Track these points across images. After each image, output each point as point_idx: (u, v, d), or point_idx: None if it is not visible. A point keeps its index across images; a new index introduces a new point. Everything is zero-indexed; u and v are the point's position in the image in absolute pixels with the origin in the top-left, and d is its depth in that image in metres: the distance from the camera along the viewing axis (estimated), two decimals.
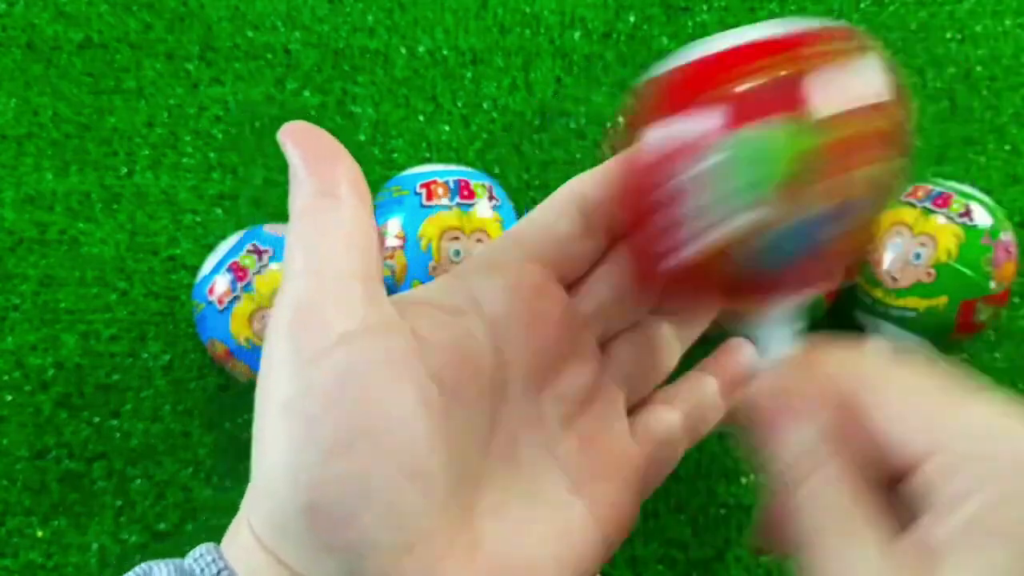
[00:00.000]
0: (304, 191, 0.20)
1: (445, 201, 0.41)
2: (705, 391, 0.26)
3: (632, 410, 0.25)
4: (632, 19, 0.52)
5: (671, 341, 0.26)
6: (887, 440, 0.19)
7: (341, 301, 0.19)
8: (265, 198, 0.49)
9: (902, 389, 0.20)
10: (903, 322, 0.42)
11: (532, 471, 0.22)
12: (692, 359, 0.27)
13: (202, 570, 0.20)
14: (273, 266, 0.40)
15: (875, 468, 0.20)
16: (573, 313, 0.24)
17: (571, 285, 0.24)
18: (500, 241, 0.24)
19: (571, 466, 0.23)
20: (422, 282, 0.40)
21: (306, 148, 0.21)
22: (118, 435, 0.45)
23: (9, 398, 0.45)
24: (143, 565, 0.21)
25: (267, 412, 0.19)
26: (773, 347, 0.22)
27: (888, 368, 0.20)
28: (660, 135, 0.20)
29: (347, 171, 0.21)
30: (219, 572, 0.20)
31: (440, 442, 0.19)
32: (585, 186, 0.23)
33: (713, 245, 0.20)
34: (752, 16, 0.52)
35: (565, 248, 0.23)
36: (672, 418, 0.25)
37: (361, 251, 0.20)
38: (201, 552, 0.21)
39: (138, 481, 0.44)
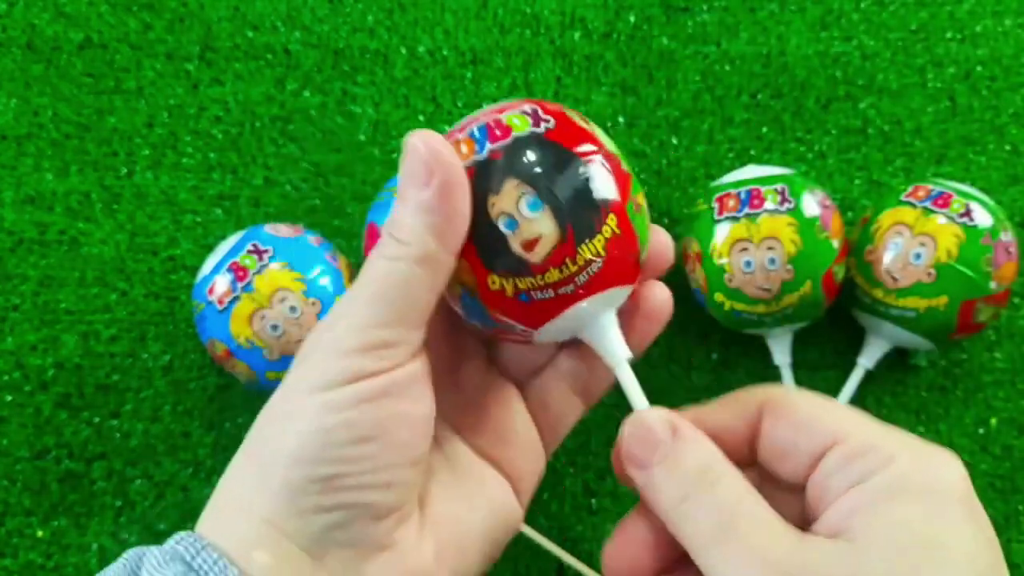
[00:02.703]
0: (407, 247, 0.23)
1: None
2: (584, 350, 0.29)
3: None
4: (632, 19, 0.52)
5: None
6: (794, 437, 0.23)
7: (393, 340, 0.24)
8: (265, 198, 0.49)
9: (803, 402, 0.24)
10: (903, 322, 0.42)
11: (450, 448, 0.28)
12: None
13: (193, 557, 0.23)
14: (273, 266, 0.40)
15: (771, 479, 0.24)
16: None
17: None
18: None
19: (479, 440, 0.28)
20: None
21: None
22: (118, 435, 0.45)
23: (9, 398, 0.45)
24: (133, 551, 0.24)
25: (309, 403, 0.23)
26: (610, 350, 0.25)
27: (787, 391, 0.25)
28: None
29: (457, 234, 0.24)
30: (203, 547, 0.23)
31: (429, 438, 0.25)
32: None
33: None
34: (751, 16, 0.52)
35: None
36: (561, 387, 0.29)
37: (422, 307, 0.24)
38: (181, 536, 0.23)
39: (138, 481, 0.44)
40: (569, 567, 0.42)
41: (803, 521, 0.23)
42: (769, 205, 0.41)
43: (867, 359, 0.45)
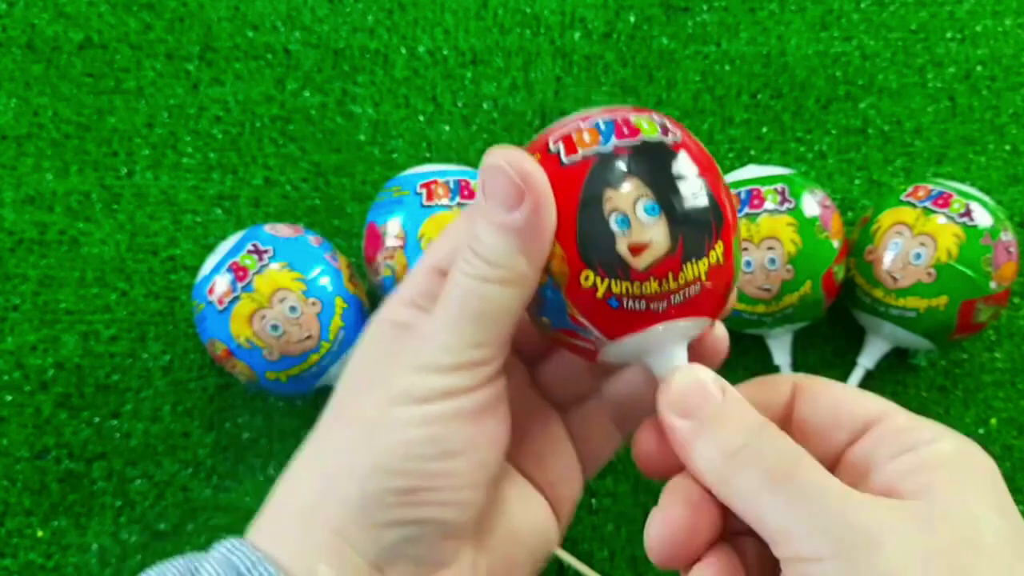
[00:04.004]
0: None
1: (445, 201, 0.41)
2: (633, 385, 0.29)
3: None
4: (632, 19, 0.52)
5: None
6: (835, 414, 0.24)
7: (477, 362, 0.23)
8: (265, 198, 0.49)
9: (839, 385, 0.25)
10: (903, 322, 0.42)
11: (507, 478, 0.27)
12: None
13: (249, 569, 0.22)
14: (273, 266, 0.40)
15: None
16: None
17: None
18: None
19: (523, 462, 0.28)
20: None
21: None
22: (118, 435, 0.45)
23: (9, 398, 0.45)
24: (183, 560, 0.24)
25: (395, 415, 0.23)
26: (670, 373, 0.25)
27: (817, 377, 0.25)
28: None
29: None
30: (258, 560, 0.22)
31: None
32: None
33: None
34: (751, 16, 0.52)
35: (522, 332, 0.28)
36: (602, 418, 0.29)
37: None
38: (234, 544, 0.23)
39: (138, 481, 0.44)
40: (569, 567, 0.42)
41: None
42: (769, 205, 0.41)
43: (867, 359, 0.45)
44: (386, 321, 0.25)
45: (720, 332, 0.27)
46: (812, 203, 0.41)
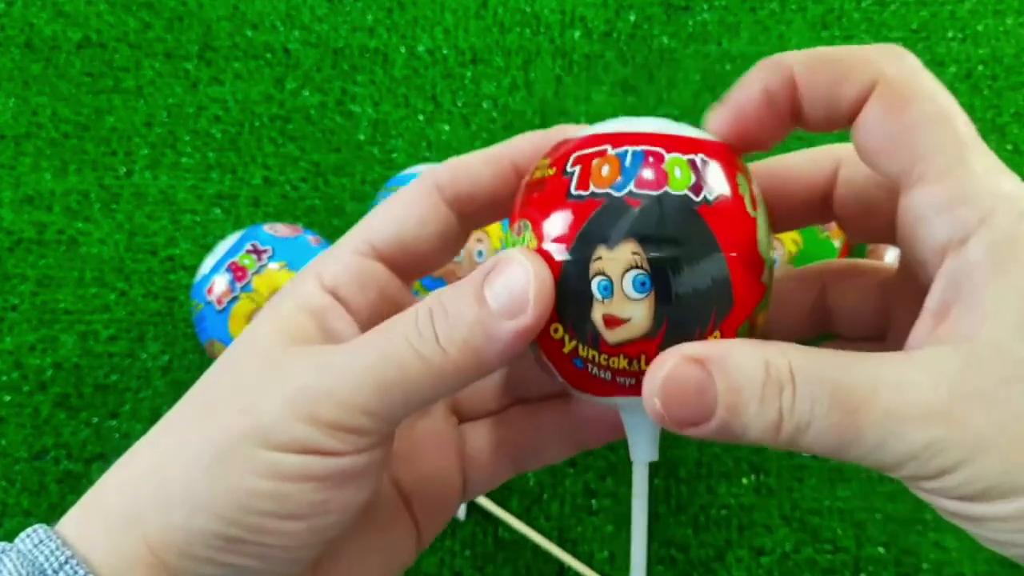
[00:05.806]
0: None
1: None
2: (536, 424, 0.26)
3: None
4: (632, 19, 0.52)
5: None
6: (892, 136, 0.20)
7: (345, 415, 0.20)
8: (264, 198, 0.49)
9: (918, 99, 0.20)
10: None
11: (378, 500, 0.24)
12: None
13: (51, 564, 0.20)
14: (272, 266, 0.40)
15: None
16: None
17: None
18: None
19: (404, 474, 0.25)
20: (421, 283, 0.40)
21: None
22: (117, 436, 0.45)
23: (8, 399, 0.45)
24: None
25: (243, 451, 0.20)
26: (640, 447, 0.23)
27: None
28: None
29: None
30: (66, 560, 0.20)
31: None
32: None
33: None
34: (752, 16, 0.52)
35: None
36: (502, 451, 0.26)
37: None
38: (40, 538, 0.21)
39: None
40: (569, 567, 0.42)
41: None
42: None
43: None
44: (297, 305, 0.22)
45: None
46: None
